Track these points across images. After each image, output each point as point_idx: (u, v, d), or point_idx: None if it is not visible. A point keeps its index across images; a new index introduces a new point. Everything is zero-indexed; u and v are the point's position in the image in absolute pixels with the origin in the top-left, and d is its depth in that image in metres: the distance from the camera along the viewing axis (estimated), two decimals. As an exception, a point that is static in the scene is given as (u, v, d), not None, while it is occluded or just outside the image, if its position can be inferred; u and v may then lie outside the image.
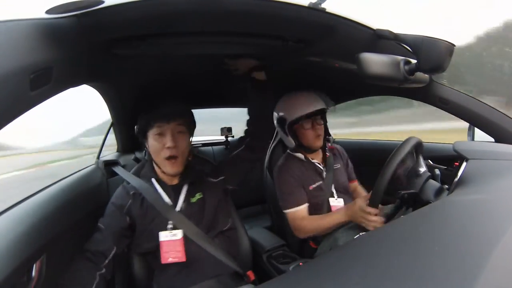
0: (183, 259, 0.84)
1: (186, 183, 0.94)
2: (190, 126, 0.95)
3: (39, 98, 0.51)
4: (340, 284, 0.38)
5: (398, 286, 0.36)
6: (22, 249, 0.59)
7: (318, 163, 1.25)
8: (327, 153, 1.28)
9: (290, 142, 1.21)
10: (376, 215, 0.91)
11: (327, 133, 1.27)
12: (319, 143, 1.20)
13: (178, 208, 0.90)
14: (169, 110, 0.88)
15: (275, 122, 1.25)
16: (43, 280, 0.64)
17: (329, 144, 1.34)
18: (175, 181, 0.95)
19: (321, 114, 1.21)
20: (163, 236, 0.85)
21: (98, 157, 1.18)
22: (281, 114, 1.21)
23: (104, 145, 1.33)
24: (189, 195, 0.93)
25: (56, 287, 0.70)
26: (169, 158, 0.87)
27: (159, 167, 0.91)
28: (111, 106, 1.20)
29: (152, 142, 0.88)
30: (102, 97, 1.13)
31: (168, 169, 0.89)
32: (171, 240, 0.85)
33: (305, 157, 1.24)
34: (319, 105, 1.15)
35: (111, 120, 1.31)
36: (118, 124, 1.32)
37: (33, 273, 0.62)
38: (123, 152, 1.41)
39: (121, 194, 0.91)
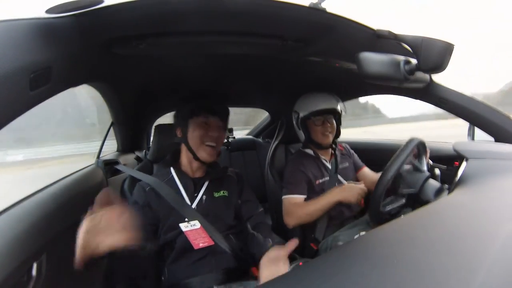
0: (212, 242, 0.87)
1: (209, 179, 0.98)
2: (227, 119, 1.02)
3: (39, 98, 0.51)
4: (340, 284, 0.38)
5: (398, 286, 0.36)
6: (22, 248, 0.59)
7: (326, 160, 1.29)
8: (336, 152, 1.32)
9: (301, 136, 1.29)
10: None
11: (338, 134, 1.30)
12: (327, 140, 1.25)
13: (196, 201, 0.93)
14: (216, 106, 0.97)
15: (292, 115, 1.33)
16: (43, 279, 0.64)
17: (339, 144, 1.37)
18: (198, 174, 0.98)
19: (334, 114, 1.26)
20: (184, 227, 0.88)
21: (98, 157, 1.18)
22: (295, 109, 1.29)
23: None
24: (212, 189, 0.96)
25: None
26: (210, 146, 0.94)
27: (194, 154, 0.94)
28: (110, 106, 1.20)
29: (195, 128, 0.94)
30: (102, 97, 1.13)
31: (204, 155, 0.94)
32: (193, 229, 0.87)
33: (314, 152, 1.30)
34: (330, 105, 1.22)
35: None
36: (118, 124, 1.32)
37: (33, 272, 0.62)
38: (122, 151, 1.41)
39: (139, 193, 0.94)
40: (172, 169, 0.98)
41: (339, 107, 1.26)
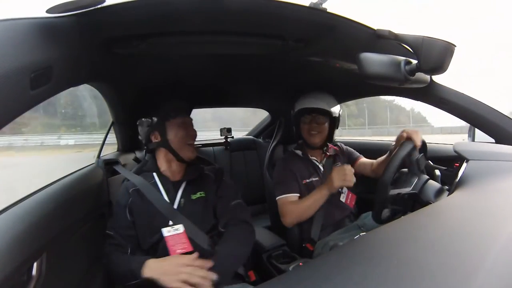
0: (190, 249, 0.87)
1: (186, 180, 0.97)
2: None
3: (39, 97, 0.51)
4: (340, 284, 0.38)
5: (398, 286, 0.36)
6: (23, 248, 0.58)
7: (316, 160, 1.29)
8: (327, 153, 1.31)
9: (294, 132, 1.32)
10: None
11: (330, 136, 1.28)
12: (314, 140, 1.24)
13: (176, 204, 0.93)
14: (186, 105, 1.00)
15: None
16: (44, 279, 0.64)
17: (331, 145, 1.35)
18: (177, 177, 0.98)
19: (325, 115, 1.24)
20: (166, 231, 0.88)
21: (98, 156, 1.18)
22: (294, 105, 1.31)
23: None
24: (189, 192, 0.96)
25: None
26: (191, 144, 0.97)
27: (177, 155, 0.96)
28: (111, 105, 1.20)
29: (176, 130, 0.96)
30: (102, 96, 1.13)
31: (189, 153, 0.97)
32: (174, 234, 0.88)
33: (303, 153, 1.30)
34: (316, 104, 1.21)
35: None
36: (118, 124, 1.32)
37: (34, 272, 0.62)
38: (123, 151, 1.41)
39: (123, 193, 0.95)
40: (154, 173, 0.98)
41: (331, 109, 1.23)
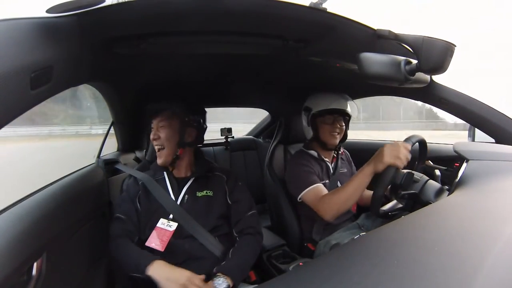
0: (161, 249, 0.88)
1: (193, 177, 0.99)
2: (182, 117, 0.96)
3: (40, 97, 0.51)
4: (340, 284, 0.38)
5: (398, 286, 0.36)
6: (23, 247, 0.59)
7: (329, 162, 1.28)
8: (336, 156, 1.31)
9: (309, 133, 1.27)
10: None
11: (345, 137, 1.28)
12: (334, 141, 1.23)
13: (178, 201, 0.94)
14: (152, 108, 0.98)
15: (303, 112, 1.30)
16: (44, 278, 0.64)
17: (342, 150, 1.36)
18: (182, 174, 1.00)
19: (344, 116, 1.24)
20: (160, 222, 0.90)
21: (99, 156, 1.19)
22: (307, 105, 1.27)
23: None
24: (195, 189, 0.97)
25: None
26: (158, 149, 0.97)
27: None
28: (111, 105, 1.20)
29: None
30: (103, 96, 1.13)
31: (158, 158, 0.97)
32: (163, 229, 0.89)
33: (318, 154, 1.27)
34: (341, 105, 1.21)
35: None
36: (118, 123, 1.32)
37: (34, 272, 0.62)
38: (123, 151, 1.41)
39: (132, 184, 0.98)
40: (164, 171, 1.00)
41: (349, 109, 1.23)
